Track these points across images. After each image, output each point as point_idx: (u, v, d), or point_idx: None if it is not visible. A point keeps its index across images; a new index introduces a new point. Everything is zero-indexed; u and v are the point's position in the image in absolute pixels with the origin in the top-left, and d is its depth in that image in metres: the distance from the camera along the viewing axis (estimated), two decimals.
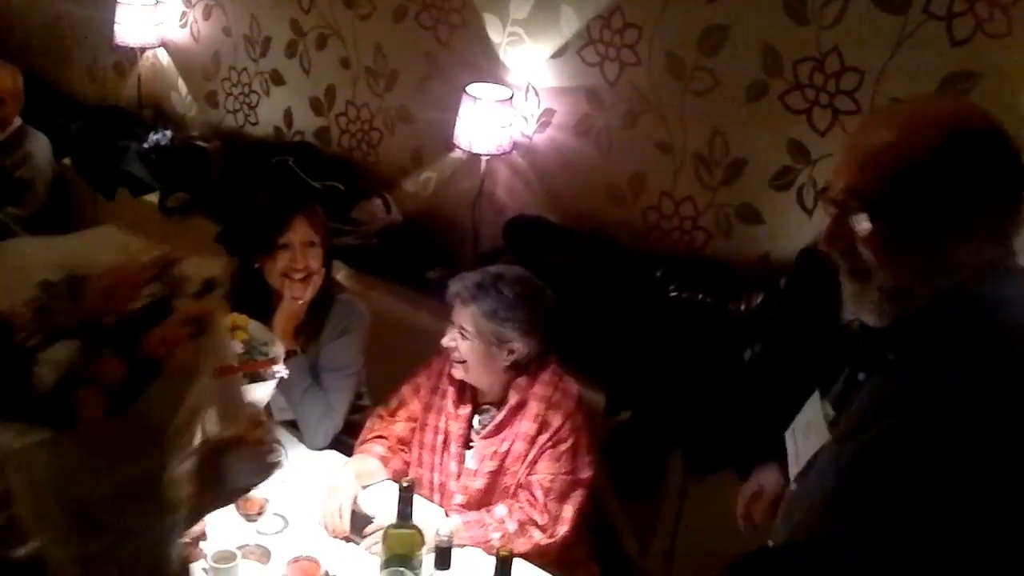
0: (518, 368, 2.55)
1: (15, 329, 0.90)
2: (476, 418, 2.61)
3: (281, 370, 2.41)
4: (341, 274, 3.23)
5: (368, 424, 2.72)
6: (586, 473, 2.53)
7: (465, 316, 2.51)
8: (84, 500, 0.94)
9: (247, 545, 2.22)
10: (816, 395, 1.64)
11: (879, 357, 1.40)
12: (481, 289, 2.51)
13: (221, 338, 0.96)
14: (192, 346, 0.92)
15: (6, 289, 0.93)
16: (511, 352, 2.51)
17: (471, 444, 2.59)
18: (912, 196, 1.29)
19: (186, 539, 2.01)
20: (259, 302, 2.68)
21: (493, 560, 2.18)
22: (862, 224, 1.32)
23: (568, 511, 2.48)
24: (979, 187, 1.30)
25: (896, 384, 1.34)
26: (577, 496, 2.50)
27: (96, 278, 0.94)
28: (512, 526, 2.42)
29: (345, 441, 2.76)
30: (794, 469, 1.60)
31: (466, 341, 2.51)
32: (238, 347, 2.42)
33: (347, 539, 2.35)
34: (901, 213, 1.30)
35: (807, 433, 1.59)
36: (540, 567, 2.33)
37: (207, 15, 4.37)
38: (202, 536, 2.12)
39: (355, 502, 2.41)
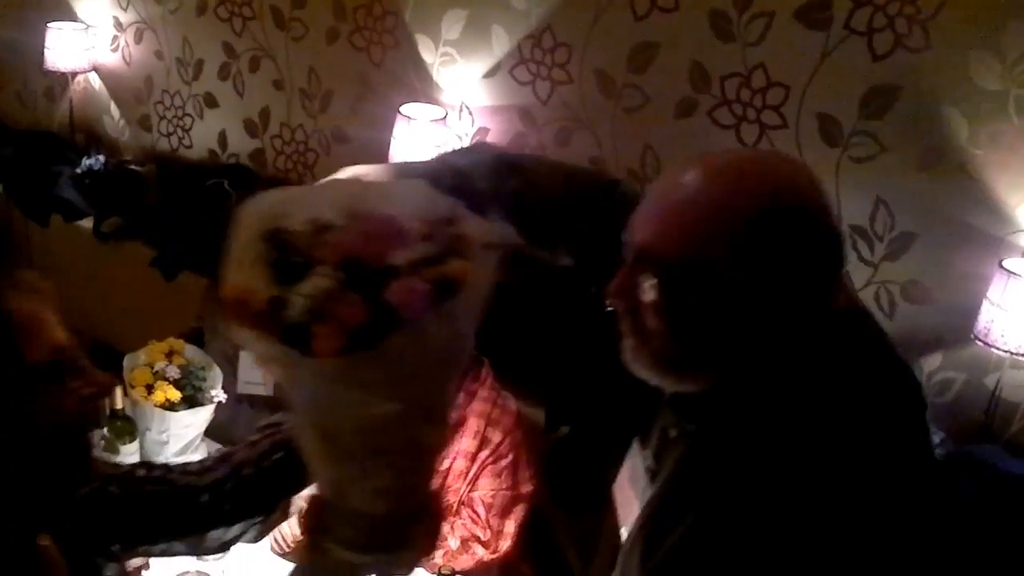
0: None
1: (290, 245, 0.92)
2: None
3: (219, 395, 2.41)
4: None
5: None
6: (527, 488, 2.54)
7: None
8: (328, 427, 0.98)
9: (187, 572, 2.19)
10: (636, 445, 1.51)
11: (679, 422, 1.28)
12: None
13: (469, 304, 0.94)
14: (438, 307, 0.91)
15: (299, 206, 0.95)
16: None
17: (487, 439, 2.58)
18: (711, 268, 1.12)
19: (128, 569, 2.01)
20: None
21: None
22: (648, 289, 1.15)
23: (510, 526, 2.49)
24: (789, 264, 1.14)
25: (696, 466, 1.21)
26: (519, 511, 2.52)
27: (368, 219, 0.94)
28: (455, 543, 2.42)
29: None
30: (626, 518, 1.52)
31: None
32: (175, 372, 2.41)
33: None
34: (695, 284, 1.13)
35: (635, 482, 1.52)
36: None
37: (139, 39, 4.33)
38: (144, 566, 2.09)
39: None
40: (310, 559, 1.16)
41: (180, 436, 2.34)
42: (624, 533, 1.53)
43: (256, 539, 1.46)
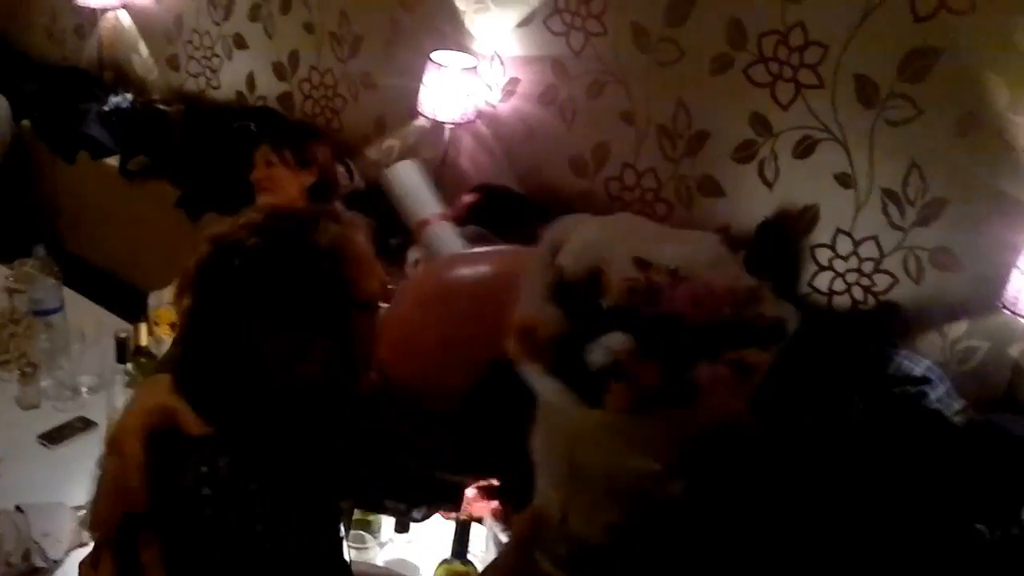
0: None
1: (602, 291, 0.91)
2: None
3: None
4: None
5: None
6: None
7: None
8: (579, 463, 0.97)
9: None
10: None
11: None
12: None
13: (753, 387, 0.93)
14: (734, 391, 0.91)
15: (607, 249, 0.93)
16: None
17: None
18: None
19: None
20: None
21: (452, 525, 2.19)
22: None
23: None
24: None
25: None
26: None
27: (691, 281, 0.92)
28: (470, 491, 2.42)
29: None
30: None
31: None
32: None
33: None
34: None
35: None
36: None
37: None
38: None
39: None
40: (513, 562, 1.14)
41: None
42: None
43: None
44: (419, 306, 1.17)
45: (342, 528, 1.35)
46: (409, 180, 1.91)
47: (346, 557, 1.32)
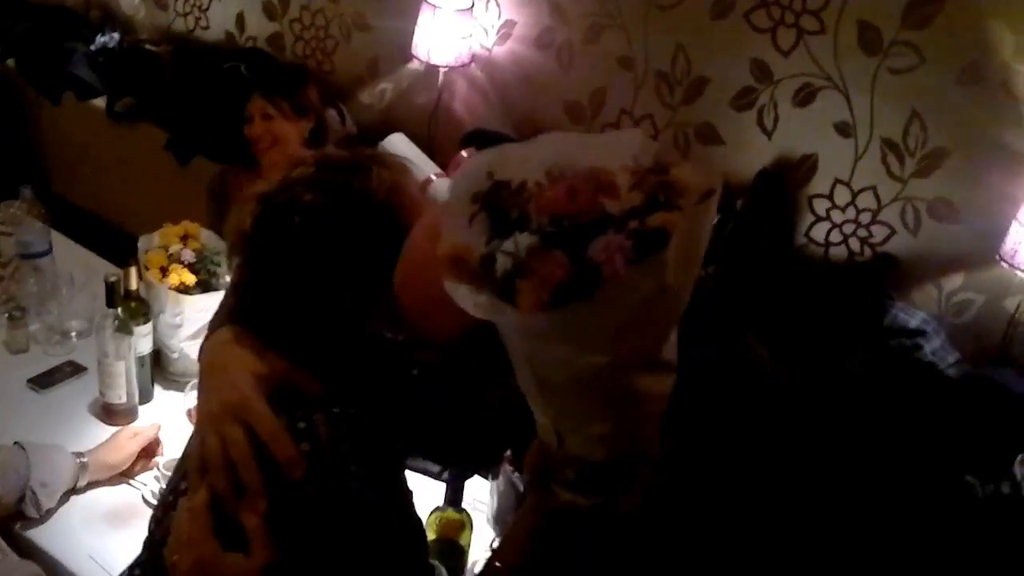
0: None
1: (503, 202, 0.94)
2: None
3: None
4: None
5: None
6: None
7: None
8: (543, 378, 0.98)
9: None
10: None
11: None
12: None
13: (681, 254, 0.90)
14: (644, 263, 0.88)
15: (512, 164, 0.96)
16: None
17: None
18: None
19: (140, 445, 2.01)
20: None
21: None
22: None
23: None
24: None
25: None
26: None
27: (574, 174, 0.93)
28: None
29: None
30: None
31: None
32: (190, 256, 2.39)
33: None
34: None
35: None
36: None
37: None
38: (157, 445, 2.10)
39: None
40: (533, 499, 1.15)
41: (194, 320, 2.31)
42: None
43: None
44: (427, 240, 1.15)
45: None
46: (402, 150, 1.92)
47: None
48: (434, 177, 2.09)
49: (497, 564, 1.20)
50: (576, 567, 1.18)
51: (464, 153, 3.03)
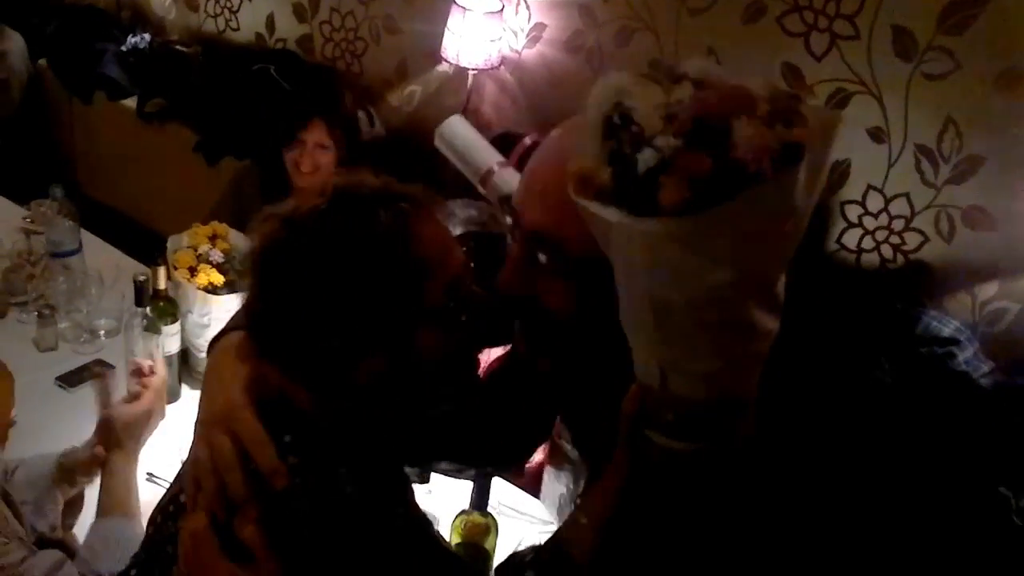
0: None
1: (633, 120, 0.94)
2: None
3: None
4: None
5: None
6: None
7: None
8: (660, 299, 0.97)
9: None
10: None
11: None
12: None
13: (807, 180, 0.92)
14: (782, 170, 0.90)
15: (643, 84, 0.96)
16: None
17: None
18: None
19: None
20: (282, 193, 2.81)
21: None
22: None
23: None
24: None
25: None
26: None
27: (717, 85, 0.95)
28: None
29: None
30: None
31: None
32: (218, 256, 2.39)
33: None
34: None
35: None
36: (515, 485, 2.32)
37: None
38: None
39: None
40: (626, 450, 1.13)
41: (222, 320, 2.29)
42: None
43: None
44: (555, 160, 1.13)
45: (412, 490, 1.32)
46: (464, 134, 1.89)
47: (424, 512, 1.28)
48: (496, 167, 2.06)
49: (583, 520, 1.18)
50: (666, 521, 1.16)
51: (528, 140, 2.99)
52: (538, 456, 2.48)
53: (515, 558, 1.24)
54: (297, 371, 1.16)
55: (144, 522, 1.51)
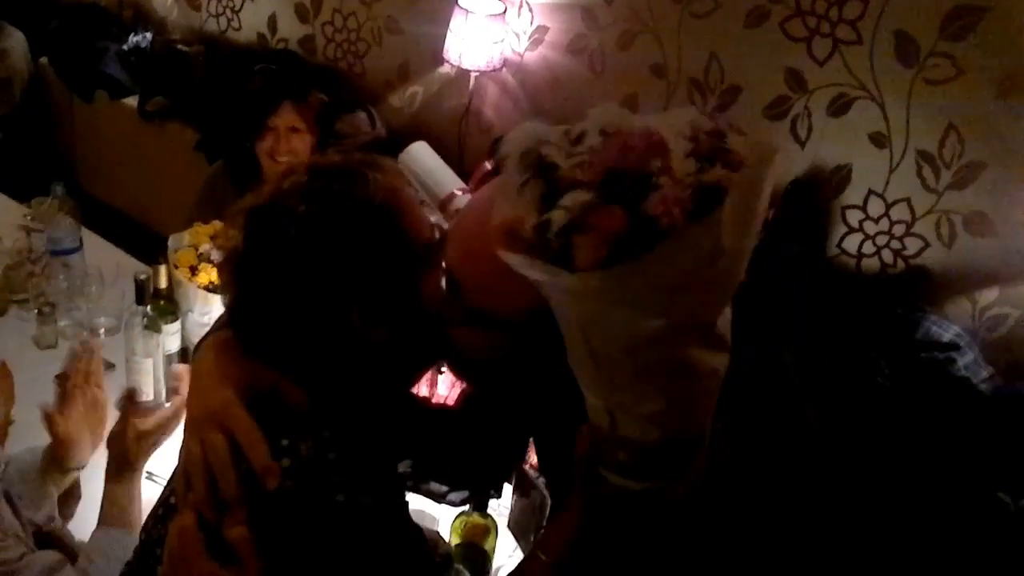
0: None
1: (551, 168, 0.94)
2: None
3: None
4: None
5: None
6: None
7: None
8: (597, 349, 0.97)
9: None
10: None
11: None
12: None
13: (737, 216, 0.90)
14: (701, 221, 0.89)
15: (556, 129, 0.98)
16: None
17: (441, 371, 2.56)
18: None
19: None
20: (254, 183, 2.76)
21: None
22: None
23: None
24: None
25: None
26: None
27: (627, 132, 0.94)
28: None
29: None
30: None
31: None
32: (216, 255, 2.39)
33: None
34: None
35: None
36: None
37: None
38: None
39: None
40: (581, 488, 1.14)
41: None
42: None
43: None
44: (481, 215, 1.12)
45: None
46: (425, 160, 1.90)
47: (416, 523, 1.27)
48: (458, 192, 2.06)
49: (542, 557, 1.19)
50: (621, 558, 1.16)
51: (487, 164, 3.01)
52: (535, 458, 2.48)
53: None
54: (290, 359, 1.15)
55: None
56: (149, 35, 4.22)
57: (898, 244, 2.85)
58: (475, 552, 1.91)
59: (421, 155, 1.83)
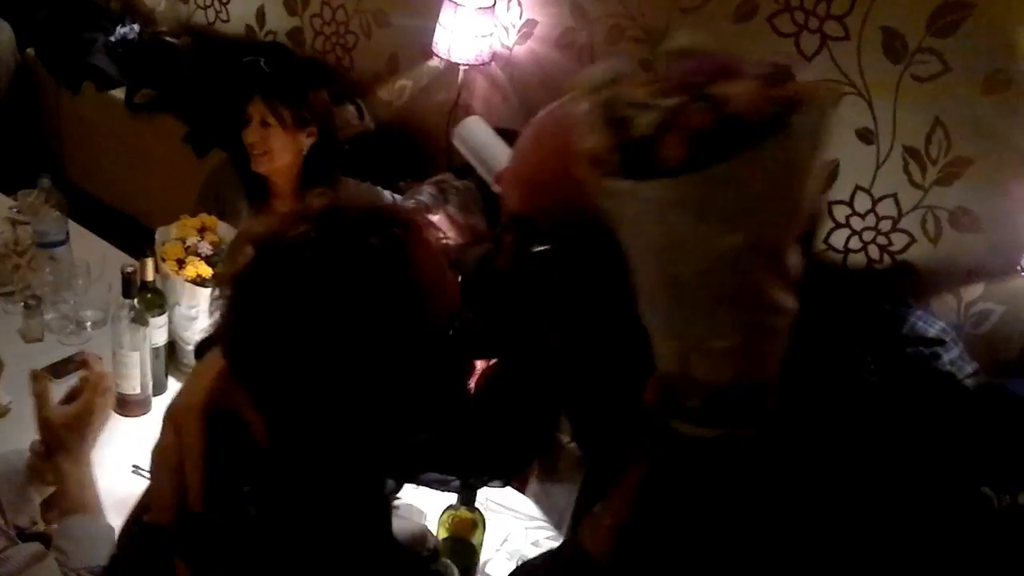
0: None
1: (630, 99, 0.92)
2: None
3: None
4: None
5: None
6: None
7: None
8: (673, 273, 0.95)
9: None
10: None
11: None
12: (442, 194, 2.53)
13: (803, 144, 0.89)
14: (782, 135, 0.87)
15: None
16: None
17: None
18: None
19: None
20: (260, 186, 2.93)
21: None
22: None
23: None
24: None
25: None
26: None
27: (699, 55, 0.94)
28: None
29: None
30: None
31: None
32: (207, 249, 2.38)
33: None
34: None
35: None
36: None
37: None
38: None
39: None
40: (648, 443, 1.10)
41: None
42: None
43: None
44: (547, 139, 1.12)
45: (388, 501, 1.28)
46: (480, 135, 1.90)
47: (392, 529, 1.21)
48: None
49: (607, 522, 1.14)
50: (692, 513, 1.14)
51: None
52: None
53: (529, 564, 1.21)
54: (268, 401, 1.07)
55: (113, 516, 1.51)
56: (137, 26, 4.20)
57: (884, 240, 2.87)
58: (462, 546, 1.91)
59: (476, 129, 1.84)
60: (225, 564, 1.06)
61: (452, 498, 1.91)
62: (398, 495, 1.34)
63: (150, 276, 2.18)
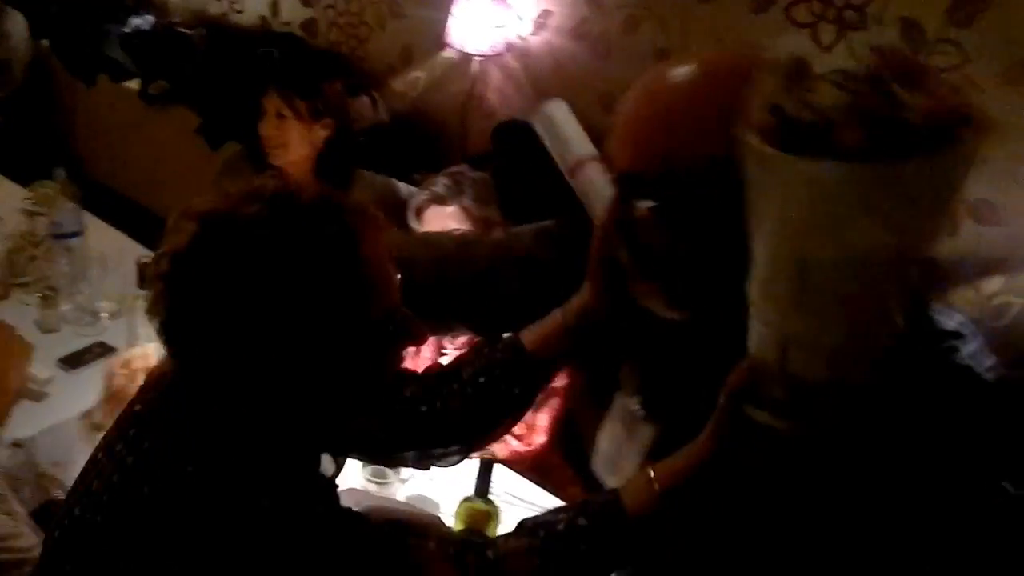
0: None
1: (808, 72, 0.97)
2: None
3: None
4: None
5: None
6: (560, 381, 2.51)
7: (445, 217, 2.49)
8: (807, 258, 0.93)
9: None
10: None
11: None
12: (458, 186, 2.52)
13: (965, 160, 0.90)
14: (951, 149, 0.88)
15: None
16: None
17: (444, 352, 2.56)
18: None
19: None
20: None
21: (476, 464, 2.16)
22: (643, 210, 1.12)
23: (543, 420, 2.48)
24: None
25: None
26: (553, 405, 2.49)
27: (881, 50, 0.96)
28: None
29: None
30: None
31: None
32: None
33: None
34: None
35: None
36: (518, 472, 2.32)
37: None
38: None
39: None
40: (720, 421, 1.09)
41: None
42: None
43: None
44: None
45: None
46: (560, 122, 1.88)
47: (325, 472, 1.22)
48: (591, 161, 2.03)
49: (655, 486, 1.14)
50: (738, 499, 1.15)
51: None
52: (540, 439, 2.49)
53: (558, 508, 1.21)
54: (199, 375, 1.08)
55: None
56: (151, 18, 4.20)
57: None
58: (478, 538, 1.91)
59: (557, 115, 1.81)
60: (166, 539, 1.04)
61: (468, 490, 1.91)
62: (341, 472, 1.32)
63: None
